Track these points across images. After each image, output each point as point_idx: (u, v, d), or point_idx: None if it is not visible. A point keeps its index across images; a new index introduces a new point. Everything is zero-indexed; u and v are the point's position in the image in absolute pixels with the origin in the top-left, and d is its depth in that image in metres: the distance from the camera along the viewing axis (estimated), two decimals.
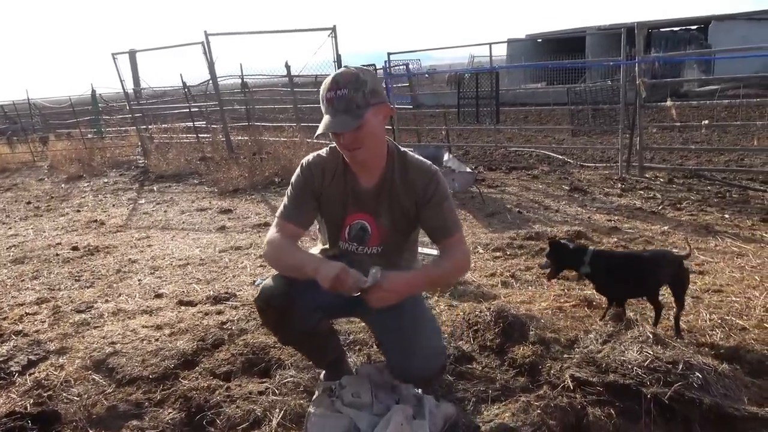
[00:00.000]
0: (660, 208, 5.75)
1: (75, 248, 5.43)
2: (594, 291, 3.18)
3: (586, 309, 3.27)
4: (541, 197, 6.53)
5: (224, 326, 3.13)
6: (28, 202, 8.19)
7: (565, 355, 2.52)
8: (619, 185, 6.81)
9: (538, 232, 5.00)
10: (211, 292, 3.80)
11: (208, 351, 2.83)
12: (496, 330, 2.68)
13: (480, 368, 2.53)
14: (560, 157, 8.88)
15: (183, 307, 3.62)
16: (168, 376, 2.59)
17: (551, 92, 16.23)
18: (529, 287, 3.80)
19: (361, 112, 1.85)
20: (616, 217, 5.47)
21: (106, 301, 3.87)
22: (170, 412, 2.29)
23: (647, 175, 7.19)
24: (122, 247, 5.44)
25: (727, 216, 5.29)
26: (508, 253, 4.54)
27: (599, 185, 6.90)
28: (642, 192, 6.48)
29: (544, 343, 2.59)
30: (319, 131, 1.88)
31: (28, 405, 2.24)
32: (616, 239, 4.73)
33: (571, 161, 8.49)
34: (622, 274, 2.85)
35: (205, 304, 3.63)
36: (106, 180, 9.62)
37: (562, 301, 3.45)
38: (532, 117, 14.89)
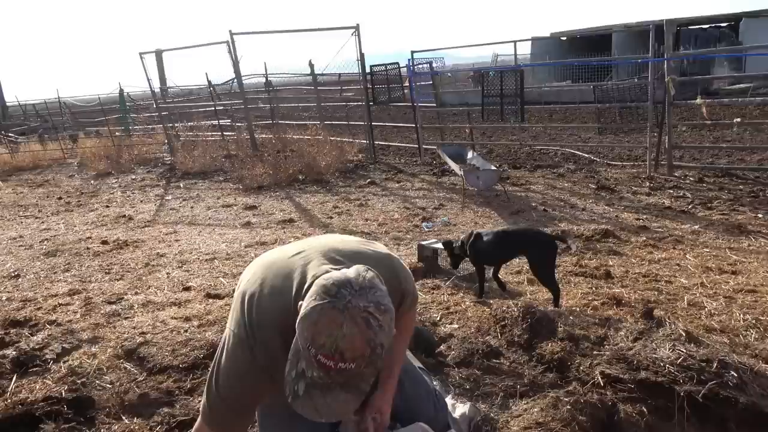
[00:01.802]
0: (690, 207, 5.65)
1: (105, 242, 5.53)
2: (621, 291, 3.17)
3: (615, 307, 3.22)
4: (567, 196, 6.46)
5: None
6: (59, 198, 8.36)
7: (595, 352, 2.49)
8: (648, 184, 6.70)
9: (564, 230, 4.95)
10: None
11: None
12: (524, 325, 2.66)
13: (508, 363, 2.51)
14: (586, 155, 8.77)
15: (211, 300, 3.66)
16: (197, 365, 2.62)
17: (577, 90, 16.04)
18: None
19: (366, 387, 1.36)
20: (645, 216, 5.38)
21: (136, 293, 3.94)
22: (200, 400, 2.32)
23: (676, 174, 7.06)
24: (150, 241, 5.52)
25: (760, 215, 5.16)
26: None
27: (627, 184, 6.80)
28: (671, 191, 6.36)
29: (573, 339, 2.56)
30: (299, 410, 1.33)
31: (63, 391, 2.29)
32: (644, 238, 4.65)
33: (598, 159, 8.38)
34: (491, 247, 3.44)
35: (232, 297, 3.67)
36: (133, 177, 9.78)
37: (589, 299, 3.41)
38: (557, 115, 14.73)
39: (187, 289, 3.96)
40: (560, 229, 5.00)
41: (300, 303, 1.42)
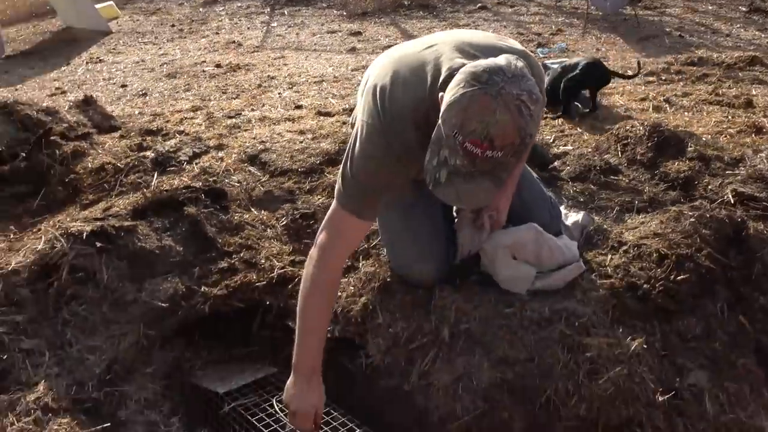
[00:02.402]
0: None
1: (218, 66, 5.71)
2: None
3: (753, 136, 2.93)
4: (710, 20, 5.69)
5: None
6: (172, 25, 8.58)
7: (728, 172, 2.32)
8: None
9: (701, 57, 4.43)
10: (346, 105, 3.91)
11: None
12: (649, 144, 2.50)
13: (626, 181, 2.42)
14: None
15: (321, 117, 3.76)
16: (314, 170, 2.76)
17: None
18: (686, 113, 3.46)
19: (507, 178, 1.37)
20: None
21: (252, 110, 4.11)
22: (319, 198, 2.48)
23: None
24: (260, 65, 5.63)
25: None
26: (663, 78, 4.11)
27: None
28: None
29: (703, 159, 2.39)
30: (441, 196, 1.37)
31: (199, 184, 2.52)
32: None
33: None
34: None
35: (342, 115, 3.75)
36: (239, 4, 9.74)
37: (723, 126, 3.11)
38: None
39: (298, 107, 4.07)
40: (697, 56, 4.48)
41: (440, 94, 1.39)
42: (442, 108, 1.32)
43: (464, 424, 1.66)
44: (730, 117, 3.28)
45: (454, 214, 2.04)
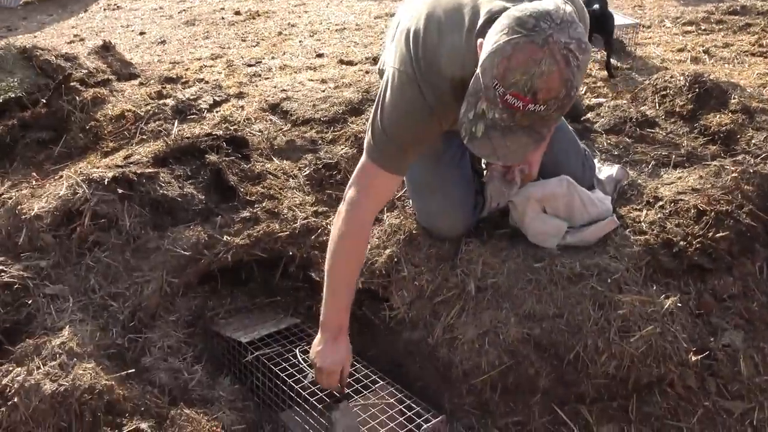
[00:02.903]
0: None
1: (237, 13, 5.57)
2: None
3: None
4: None
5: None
6: None
7: None
8: None
9: (744, 5, 4.20)
10: (369, 54, 3.80)
11: (372, 101, 2.87)
12: (689, 96, 2.38)
13: (663, 134, 2.31)
14: None
15: (344, 66, 3.66)
16: (337, 119, 2.68)
17: None
18: (726, 64, 3.30)
19: (547, 133, 1.29)
20: None
21: (272, 58, 4.01)
22: (342, 148, 2.41)
23: None
24: (280, 12, 5.48)
25: None
26: (703, 27, 3.91)
27: None
28: None
29: (747, 112, 2.27)
30: (476, 150, 1.30)
31: (220, 132, 2.46)
32: None
33: None
34: None
35: (365, 63, 3.64)
36: None
37: (765, 79, 2.96)
38: None
39: (320, 55, 3.96)
40: (739, 4, 4.24)
41: (479, 41, 1.28)
42: (482, 56, 1.22)
43: (489, 378, 1.64)
44: None
45: (483, 165, 1.97)
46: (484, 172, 1.94)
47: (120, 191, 1.96)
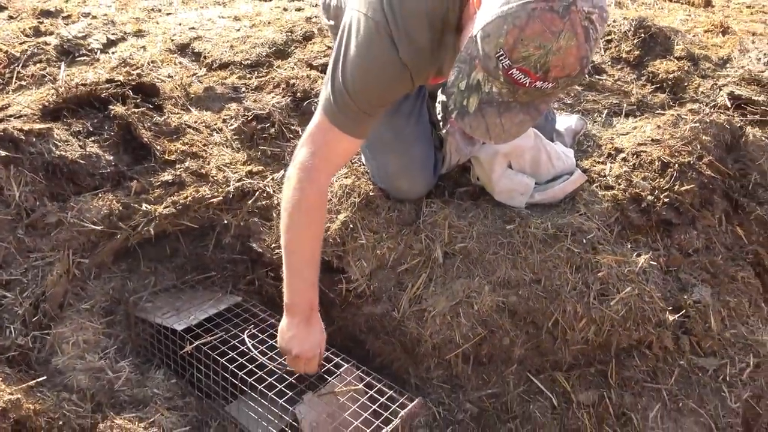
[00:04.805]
0: None
1: None
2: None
3: (721, 36, 2.81)
4: None
5: (311, 20, 2.80)
6: None
7: (718, 73, 2.18)
8: None
9: None
10: None
11: (300, 43, 2.56)
12: (635, 41, 2.31)
13: (612, 81, 2.23)
14: None
15: (257, 2, 3.26)
16: (261, 63, 2.36)
17: None
18: (647, 10, 3.29)
19: (546, 108, 1.14)
20: None
21: None
22: (272, 97, 2.12)
23: None
24: None
25: None
26: None
27: None
28: None
29: (692, 59, 2.24)
30: (466, 127, 1.10)
31: (121, 78, 2.07)
32: None
33: None
34: None
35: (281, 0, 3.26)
36: None
37: (690, 26, 2.97)
38: None
39: None
40: None
41: None
42: (482, 17, 1.01)
43: (461, 353, 1.51)
44: (691, 15, 3.15)
45: (438, 117, 1.78)
46: (440, 123, 1.75)
47: (2, 153, 1.57)
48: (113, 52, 2.52)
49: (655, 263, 1.59)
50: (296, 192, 1.30)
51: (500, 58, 0.98)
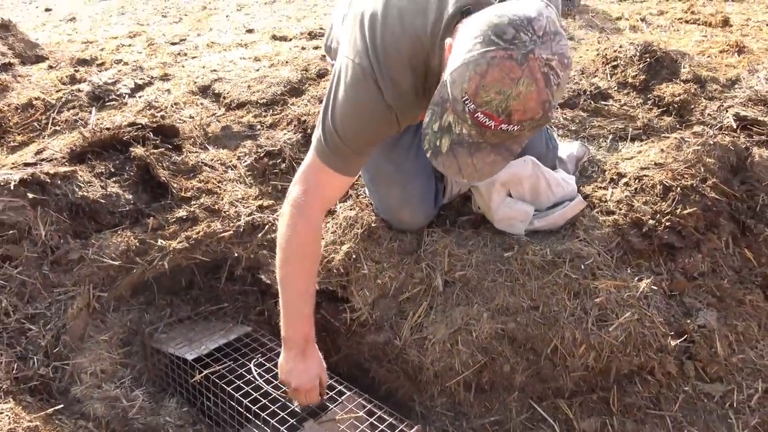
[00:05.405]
0: None
1: None
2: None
3: (736, 56, 2.79)
4: None
5: (326, 58, 2.92)
6: None
7: (725, 95, 2.17)
8: None
9: None
10: (304, 29, 3.56)
11: (314, 81, 2.67)
12: (641, 66, 2.32)
13: (618, 106, 2.24)
14: None
15: (277, 42, 3.41)
16: (276, 101, 2.47)
17: None
18: (663, 32, 3.29)
19: (518, 149, 1.15)
20: None
21: (198, 35, 3.69)
22: (285, 133, 2.21)
23: None
24: None
25: None
26: None
27: None
28: None
29: (699, 81, 2.23)
30: (440, 167, 1.14)
31: (145, 120, 2.20)
32: None
33: None
34: None
35: (300, 39, 3.40)
36: None
37: (705, 46, 2.96)
38: None
39: (250, 31, 3.68)
40: None
41: (447, 41, 1.12)
42: (452, 63, 1.07)
43: (462, 379, 1.53)
44: (708, 36, 3.14)
45: None
46: None
47: (31, 196, 1.70)
48: (140, 96, 2.68)
49: (657, 288, 1.58)
50: (289, 228, 1.37)
51: (466, 102, 1.04)
